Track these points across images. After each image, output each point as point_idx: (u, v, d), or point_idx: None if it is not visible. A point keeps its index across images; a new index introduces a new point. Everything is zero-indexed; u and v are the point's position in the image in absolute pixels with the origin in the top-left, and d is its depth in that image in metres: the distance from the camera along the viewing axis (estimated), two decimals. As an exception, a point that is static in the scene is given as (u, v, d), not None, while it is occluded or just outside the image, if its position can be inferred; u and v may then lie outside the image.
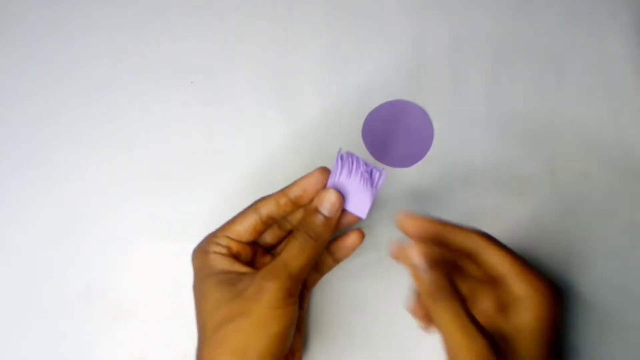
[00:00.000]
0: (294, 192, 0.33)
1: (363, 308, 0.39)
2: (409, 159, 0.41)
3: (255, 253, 0.35)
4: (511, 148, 0.41)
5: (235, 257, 0.33)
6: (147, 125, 0.42)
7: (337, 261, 0.37)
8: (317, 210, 0.32)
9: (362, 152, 0.41)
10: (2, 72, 0.43)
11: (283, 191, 0.33)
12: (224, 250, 0.32)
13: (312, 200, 0.32)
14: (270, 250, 0.36)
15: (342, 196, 0.32)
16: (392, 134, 0.42)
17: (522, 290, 0.29)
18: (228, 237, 0.33)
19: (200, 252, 0.33)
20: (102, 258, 0.40)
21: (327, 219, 0.32)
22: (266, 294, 0.29)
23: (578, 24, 0.43)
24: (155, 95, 0.43)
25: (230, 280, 0.31)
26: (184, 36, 0.44)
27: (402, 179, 0.41)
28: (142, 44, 0.44)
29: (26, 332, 0.39)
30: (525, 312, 0.29)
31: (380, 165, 0.41)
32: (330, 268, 0.37)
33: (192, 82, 0.43)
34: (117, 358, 0.39)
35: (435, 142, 0.41)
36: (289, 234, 0.35)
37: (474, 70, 0.42)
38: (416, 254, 0.29)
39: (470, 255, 0.31)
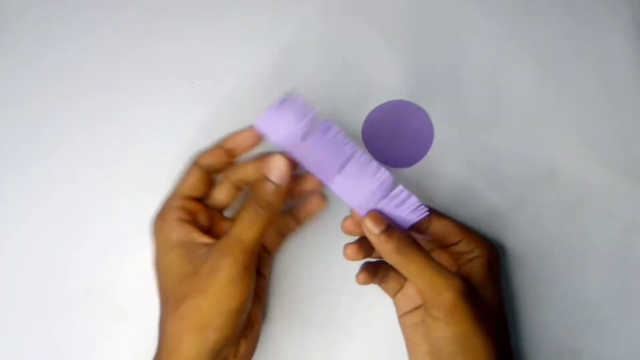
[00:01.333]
0: (229, 145, 0.34)
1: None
2: (409, 159, 0.41)
3: (214, 219, 0.35)
4: (511, 148, 0.41)
5: (194, 222, 0.33)
6: (147, 125, 0.42)
7: (299, 224, 0.37)
8: (266, 178, 0.32)
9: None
10: (2, 72, 0.43)
11: (218, 144, 0.34)
12: (181, 213, 0.33)
13: (257, 157, 0.33)
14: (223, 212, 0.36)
15: (290, 161, 0.32)
16: (392, 134, 0.42)
17: (466, 248, 0.35)
18: (182, 196, 0.33)
19: (159, 221, 0.33)
20: (102, 258, 0.40)
21: (276, 186, 0.32)
22: (221, 271, 0.30)
23: (578, 24, 0.43)
24: (156, 95, 0.43)
25: (190, 252, 0.31)
26: (184, 36, 0.44)
27: (402, 179, 0.41)
28: (142, 43, 0.44)
29: (26, 332, 0.39)
30: (475, 262, 0.34)
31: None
32: (292, 231, 0.37)
33: (192, 82, 0.43)
34: (117, 358, 0.39)
35: (435, 142, 0.41)
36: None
37: (474, 70, 0.42)
38: (371, 223, 0.31)
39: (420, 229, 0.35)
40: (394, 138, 0.42)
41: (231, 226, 0.31)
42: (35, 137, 0.42)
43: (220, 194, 0.35)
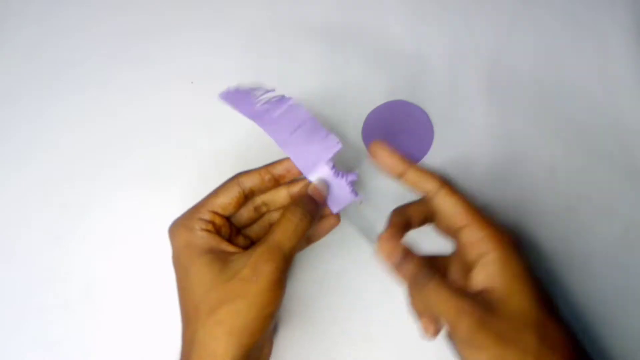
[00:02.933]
0: (279, 170, 0.34)
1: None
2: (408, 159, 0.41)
3: (231, 233, 0.35)
4: (511, 148, 0.41)
5: (219, 234, 0.33)
6: (148, 125, 0.42)
7: (310, 243, 0.37)
8: (308, 195, 0.33)
9: (362, 152, 0.41)
10: (2, 71, 0.44)
11: (267, 168, 0.34)
12: (209, 227, 0.33)
13: (291, 182, 0.34)
14: (240, 231, 0.36)
15: (327, 186, 0.34)
16: (392, 134, 0.42)
17: (473, 236, 0.30)
18: (212, 211, 0.33)
19: (183, 229, 0.33)
20: (102, 258, 0.40)
21: (317, 203, 0.33)
22: (263, 276, 0.30)
23: (578, 24, 0.43)
24: (156, 95, 0.43)
25: (220, 259, 0.31)
26: (184, 36, 0.44)
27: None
28: (142, 44, 0.44)
29: (26, 332, 0.39)
30: (488, 260, 0.30)
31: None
32: (301, 249, 0.38)
33: (192, 82, 0.43)
34: (117, 358, 0.39)
35: (435, 142, 0.41)
36: (262, 217, 0.36)
37: (473, 70, 0.42)
38: (388, 251, 0.30)
39: (429, 207, 0.32)
40: (394, 138, 0.42)
41: (269, 234, 0.32)
42: (35, 137, 0.43)
43: (242, 214, 0.35)
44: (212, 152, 0.42)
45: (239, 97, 0.34)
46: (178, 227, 0.33)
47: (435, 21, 0.43)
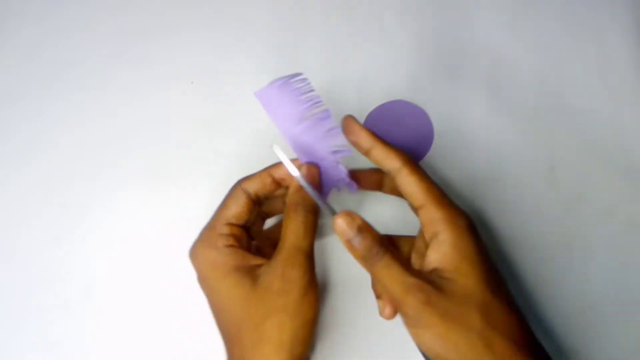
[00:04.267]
0: (279, 174, 0.34)
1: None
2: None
3: (249, 242, 0.35)
4: (511, 148, 0.41)
5: (242, 246, 0.33)
6: (148, 125, 0.42)
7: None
8: (301, 188, 0.33)
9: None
10: (2, 71, 0.44)
11: (267, 171, 0.34)
12: (231, 241, 0.32)
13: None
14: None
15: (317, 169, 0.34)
16: (392, 134, 0.42)
17: (429, 216, 0.30)
18: (228, 224, 0.33)
19: (207, 249, 0.32)
20: (102, 258, 0.40)
21: (314, 190, 0.33)
22: (294, 284, 0.30)
23: (578, 24, 0.43)
24: (155, 95, 0.43)
25: (248, 276, 0.31)
26: (184, 36, 0.44)
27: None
28: (142, 44, 0.44)
29: (26, 332, 0.39)
30: (441, 240, 0.30)
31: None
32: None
33: (192, 82, 0.43)
34: (117, 358, 0.39)
35: (435, 142, 0.41)
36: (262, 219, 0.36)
37: (473, 70, 0.42)
38: (342, 224, 0.30)
39: (395, 184, 0.32)
40: (394, 138, 0.42)
41: (283, 239, 0.31)
42: (35, 137, 0.43)
43: (256, 221, 0.36)
44: (212, 152, 0.42)
45: (275, 100, 0.32)
46: (201, 248, 0.33)
47: (435, 21, 0.43)
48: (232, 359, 0.31)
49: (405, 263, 0.30)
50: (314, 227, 0.32)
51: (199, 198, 0.41)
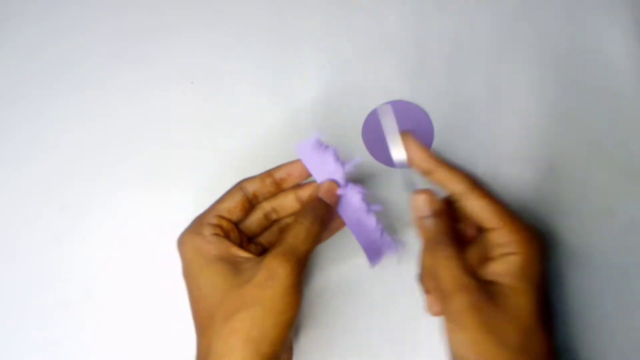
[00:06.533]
0: (279, 174, 0.34)
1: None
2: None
3: (241, 240, 0.34)
4: (511, 148, 0.41)
5: (230, 239, 0.33)
6: (147, 125, 0.42)
7: (317, 244, 0.36)
8: (319, 198, 0.33)
9: (362, 152, 0.41)
10: (2, 71, 0.44)
11: (268, 172, 0.34)
12: (217, 230, 0.32)
13: (296, 186, 0.35)
14: (252, 239, 0.36)
15: (337, 187, 0.34)
16: (392, 134, 0.42)
17: (502, 239, 0.30)
18: (218, 215, 0.33)
19: (192, 235, 0.32)
20: (102, 258, 0.40)
21: (329, 206, 0.33)
22: (278, 280, 0.29)
23: (578, 24, 0.43)
24: (155, 95, 0.43)
25: (232, 265, 0.31)
26: (184, 36, 0.44)
27: (402, 178, 0.41)
28: (142, 44, 0.44)
29: (26, 332, 0.39)
30: (511, 259, 0.30)
31: (379, 164, 0.41)
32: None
33: (192, 82, 0.43)
34: (117, 358, 0.39)
35: (435, 142, 0.41)
36: (272, 224, 0.36)
37: (473, 70, 0.42)
38: (422, 200, 0.31)
39: (457, 206, 0.32)
40: (394, 138, 0.42)
41: (282, 239, 0.31)
42: (35, 137, 0.43)
43: (252, 222, 0.35)
44: (212, 152, 0.42)
45: (317, 158, 0.34)
46: (188, 235, 0.33)
47: (435, 21, 0.43)
48: (200, 348, 0.31)
49: (466, 262, 0.30)
50: (316, 238, 0.32)
51: (199, 198, 0.41)
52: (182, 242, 0.33)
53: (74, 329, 0.39)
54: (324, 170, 0.34)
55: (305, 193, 0.35)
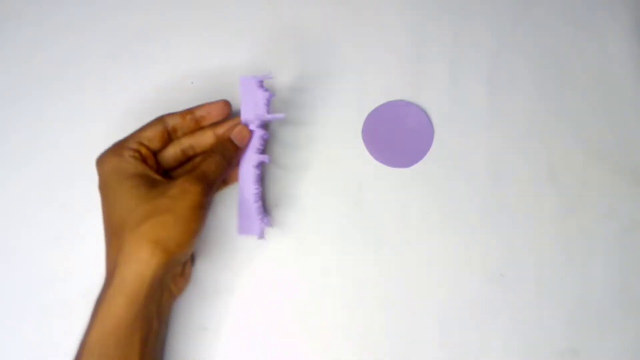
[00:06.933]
0: (200, 112, 0.37)
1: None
2: (409, 159, 0.41)
3: (158, 169, 0.37)
4: (511, 148, 0.41)
5: (144, 162, 0.35)
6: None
7: (225, 185, 0.40)
8: (231, 140, 0.36)
9: (362, 152, 0.41)
10: (2, 71, 0.44)
11: (189, 109, 0.37)
12: (136, 154, 0.35)
13: (214, 124, 0.38)
14: (167, 172, 0.38)
15: (251, 136, 0.37)
16: (392, 134, 0.42)
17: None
18: (138, 142, 0.35)
19: (112, 156, 0.34)
20: (102, 258, 0.40)
21: (238, 148, 0.37)
22: (189, 194, 0.33)
23: (578, 24, 0.43)
24: (155, 95, 0.43)
25: (148, 182, 0.33)
26: (184, 36, 0.44)
27: (402, 179, 0.41)
28: (142, 43, 0.44)
29: (26, 332, 0.39)
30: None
31: (379, 164, 0.41)
32: (219, 189, 0.40)
33: (192, 82, 0.43)
34: (117, 358, 0.39)
35: (435, 142, 0.41)
36: (188, 160, 0.39)
37: (474, 70, 0.42)
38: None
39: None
40: (394, 138, 0.42)
41: (194, 168, 0.35)
42: (35, 137, 0.42)
43: (169, 154, 0.37)
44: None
45: (250, 96, 0.37)
46: (106, 155, 0.35)
47: (435, 21, 0.43)
48: (109, 253, 0.33)
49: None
50: (224, 172, 0.35)
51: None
52: (101, 161, 0.35)
53: (74, 329, 0.39)
54: (253, 109, 0.37)
55: (222, 130, 0.37)
